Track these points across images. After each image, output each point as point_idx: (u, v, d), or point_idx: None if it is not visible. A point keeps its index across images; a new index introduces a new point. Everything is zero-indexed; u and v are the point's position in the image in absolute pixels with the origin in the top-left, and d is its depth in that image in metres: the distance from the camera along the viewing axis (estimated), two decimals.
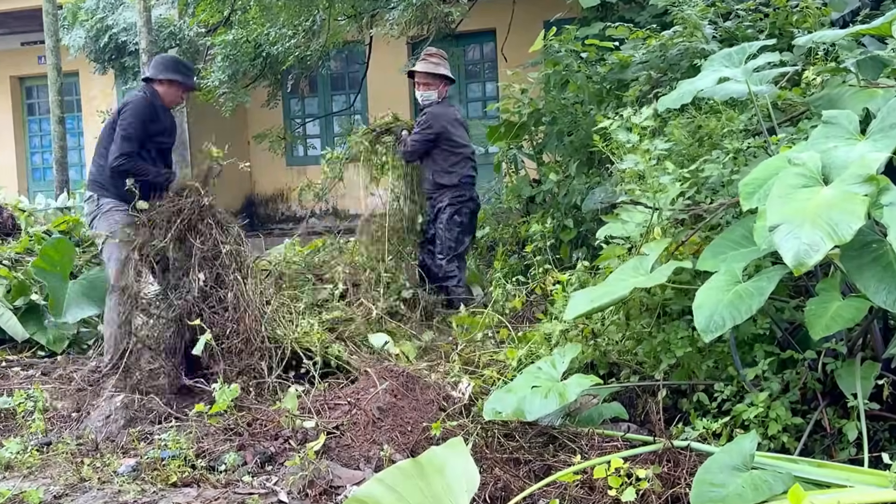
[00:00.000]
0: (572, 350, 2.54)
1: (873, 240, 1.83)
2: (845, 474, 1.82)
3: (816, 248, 1.71)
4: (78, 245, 4.60)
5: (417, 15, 6.06)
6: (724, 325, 1.95)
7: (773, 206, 1.86)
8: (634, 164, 2.62)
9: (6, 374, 3.54)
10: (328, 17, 6.58)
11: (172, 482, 2.22)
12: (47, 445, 2.60)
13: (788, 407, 2.18)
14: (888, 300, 1.77)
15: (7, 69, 10.40)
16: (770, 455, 1.98)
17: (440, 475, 1.74)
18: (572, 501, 2.01)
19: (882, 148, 1.92)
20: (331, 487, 2.16)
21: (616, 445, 2.25)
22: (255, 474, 2.29)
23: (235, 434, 2.52)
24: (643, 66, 4.01)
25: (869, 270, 1.82)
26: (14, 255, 4.39)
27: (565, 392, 2.29)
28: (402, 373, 2.82)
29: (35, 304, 4.03)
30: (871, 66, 2.65)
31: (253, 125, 9.12)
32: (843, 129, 2.05)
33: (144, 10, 6.78)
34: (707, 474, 1.86)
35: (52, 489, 2.21)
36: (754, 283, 2.00)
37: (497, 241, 4.82)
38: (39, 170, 10.69)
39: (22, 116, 10.69)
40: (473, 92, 9.01)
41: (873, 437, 2.13)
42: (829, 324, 1.92)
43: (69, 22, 7.64)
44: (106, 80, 8.88)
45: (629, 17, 5.15)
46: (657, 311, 2.57)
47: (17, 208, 5.13)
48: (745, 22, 3.93)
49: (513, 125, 4.86)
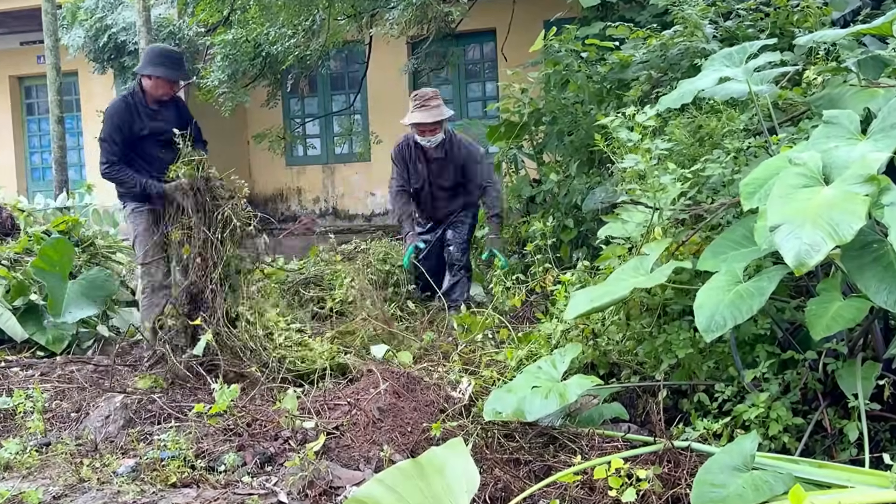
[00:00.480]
0: (573, 350, 2.54)
1: (874, 240, 1.83)
2: (846, 475, 1.82)
3: (817, 249, 1.71)
4: (77, 245, 4.59)
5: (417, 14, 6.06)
6: (726, 325, 1.95)
7: (774, 206, 1.86)
8: (635, 163, 2.62)
9: (5, 374, 3.54)
10: (328, 16, 6.58)
11: (172, 483, 2.21)
12: (46, 446, 2.59)
13: (789, 407, 2.18)
14: (889, 300, 1.77)
15: (6, 69, 10.39)
16: (771, 455, 1.97)
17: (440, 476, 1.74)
18: (573, 502, 2.01)
19: (883, 148, 1.92)
20: (330, 488, 2.15)
21: (616, 446, 2.25)
22: (255, 475, 2.28)
23: (235, 434, 2.52)
24: (644, 66, 4.01)
25: (870, 270, 1.81)
26: (13, 255, 4.39)
27: (566, 392, 2.29)
28: (403, 374, 2.82)
29: (34, 304, 4.02)
30: (872, 66, 2.65)
31: (252, 125, 9.11)
32: (844, 128, 2.04)
33: (143, 9, 6.78)
34: (707, 475, 1.85)
35: (51, 490, 2.20)
36: (755, 283, 2.00)
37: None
38: (38, 170, 10.68)
39: (21, 116, 10.68)
40: (473, 92, 9.00)
41: (874, 437, 2.12)
42: (830, 324, 1.92)
43: (68, 21, 7.64)
44: (105, 80, 8.87)
45: (629, 16, 5.15)
46: (658, 311, 2.57)
47: (17, 208, 5.12)
48: (745, 21, 3.93)
49: (513, 125, 4.85)
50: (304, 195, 9.54)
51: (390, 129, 8.60)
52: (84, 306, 4.02)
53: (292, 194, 9.58)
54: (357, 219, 9.23)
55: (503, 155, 5.02)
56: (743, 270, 2.10)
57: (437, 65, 7.91)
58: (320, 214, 9.49)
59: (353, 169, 9.26)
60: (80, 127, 10.00)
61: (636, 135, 2.68)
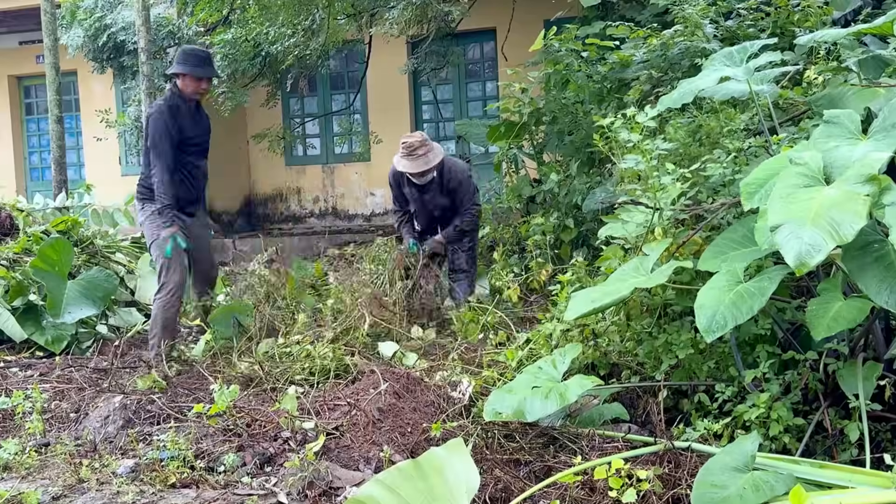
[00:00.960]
0: (573, 350, 2.53)
1: (875, 240, 1.82)
2: (847, 475, 1.82)
3: (818, 249, 1.70)
4: (76, 245, 4.58)
5: (417, 14, 6.05)
6: (726, 325, 1.95)
7: (775, 206, 1.85)
8: (635, 163, 2.61)
9: (5, 374, 3.53)
10: (328, 16, 6.57)
11: (171, 483, 2.21)
12: (45, 446, 2.59)
13: (790, 408, 2.17)
14: (890, 300, 1.77)
15: (5, 68, 10.38)
16: (771, 456, 1.97)
17: (440, 476, 1.73)
18: (573, 502, 2.00)
19: (884, 147, 1.91)
20: (330, 488, 2.15)
21: (617, 446, 2.25)
22: (255, 475, 2.28)
23: (234, 435, 2.51)
24: (644, 66, 4.01)
25: (871, 271, 1.81)
26: (12, 256, 4.38)
27: (566, 393, 2.28)
28: (403, 374, 2.81)
29: (33, 304, 4.01)
30: (872, 66, 2.64)
31: (252, 124, 9.10)
32: (845, 128, 2.04)
33: (143, 9, 6.76)
34: (708, 475, 1.85)
35: (50, 490, 2.20)
36: (756, 283, 1.99)
37: (497, 241, 4.82)
38: (37, 169, 10.67)
39: (20, 116, 10.67)
40: (473, 91, 8.99)
41: (875, 438, 2.12)
42: (831, 324, 1.91)
43: (67, 21, 7.62)
44: (104, 80, 8.86)
45: (630, 16, 5.15)
46: (658, 311, 2.56)
47: (16, 208, 5.11)
48: (746, 21, 3.93)
49: (513, 125, 4.85)
50: (303, 195, 9.53)
51: (390, 128, 8.60)
52: (83, 306, 4.01)
53: (292, 194, 9.57)
54: (357, 219, 9.23)
55: (503, 155, 5.01)
56: (744, 270, 2.10)
57: (437, 64, 7.90)
58: (320, 214, 9.49)
59: (352, 169, 9.25)
60: (80, 126, 9.98)
61: (636, 135, 2.67)
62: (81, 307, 4.00)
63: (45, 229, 4.73)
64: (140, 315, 4.50)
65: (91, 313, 4.06)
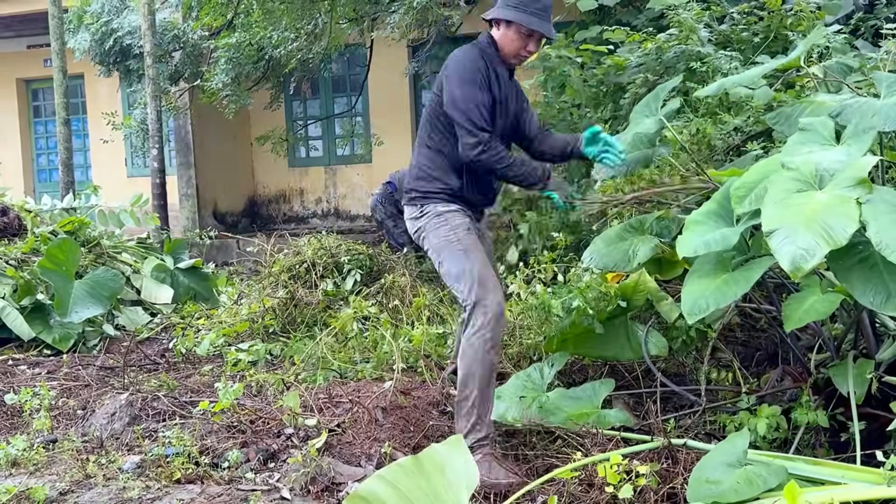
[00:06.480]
0: (560, 359, 2.59)
1: (859, 241, 1.84)
2: (839, 472, 1.83)
3: (813, 253, 1.72)
4: (83, 245, 4.63)
5: (418, 18, 6.09)
6: (708, 308, 1.95)
7: (769, 211, 1.86)
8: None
9: (13, 371, 3.58)
10: (330, 20, 6.62)
11: (176, 479, 2.24)
12: (53, 442, 2.61)
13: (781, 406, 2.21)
14: (875, 301, 1.79)
15: (13, 72, 10.46)
16: (764, 453, 2.00)
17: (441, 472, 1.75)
18: (571, 498, 2.03)
19: (856, 151, 1.95)
20: (332, 484, 2.18)
21: (617, 444, 2.28)
22: (258, 471, 2.31)
23: (238, 431, 2.55)
24: (640, 69, 4.05)
25: (856, 272, 1.83)
26: (20, 256, 4.42)
27: (546, 405, 2.39)
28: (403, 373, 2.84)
29: (41, 303, 4.05)
30: (838, 71, 2.67)
31: (255, 127, 9.16)
32: (819, 135, 2.08)
33: (149, 13, 6.83)
34: (702, 471, 1.88)
35: (57, 486, 2.23)
36: (743, 271, 2.01)
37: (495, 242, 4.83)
38: (45, 171, 10.74)
39: (28, 118, 10.74)
40: None
41: (866, 434, 2.15)
42: (803, 316, 1.94)
43: (74, 25, 7.68)
44: (111, 83, 8.93)
45: (626, 20, 5.18)
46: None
47: (24, 209, 5.16)
48: (739, 25, 3.97)
49: None
50: (306, 196, 9.59)
51: (391, 130, 8.66)
52: (90, 305, 4.04)
53: (295, 195, 9.63)
54: (359, 219, 9.28)
55: None
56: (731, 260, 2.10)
57: (438, 68, 7.93)
58: (322, 215, 9.54)
59: (354, 170, 9.30)
60: (86, 129, 10.05)
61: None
62: (88, 306, 4.03)
63: (52, 230, 4.77)
64: (145, 315, 4.54)
65: (97, 312, 4.10)
